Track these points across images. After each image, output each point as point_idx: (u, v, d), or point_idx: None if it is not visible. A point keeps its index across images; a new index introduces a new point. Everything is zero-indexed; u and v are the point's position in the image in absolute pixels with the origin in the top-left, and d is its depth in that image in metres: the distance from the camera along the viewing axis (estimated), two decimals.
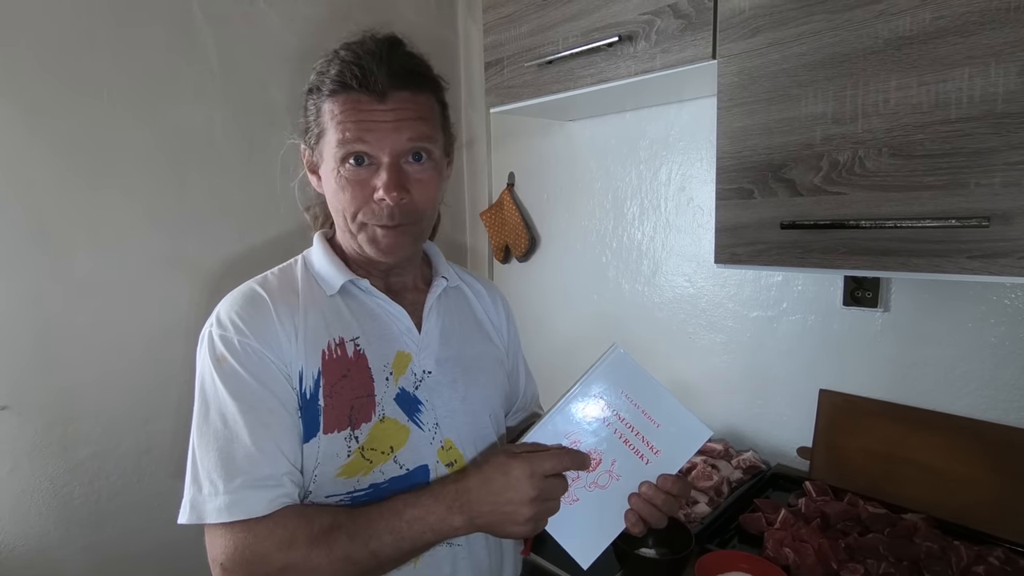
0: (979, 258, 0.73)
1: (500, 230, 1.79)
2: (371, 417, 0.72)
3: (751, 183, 0.92)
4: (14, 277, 1.16)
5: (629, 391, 0.69)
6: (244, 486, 0.64)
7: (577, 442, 0.68)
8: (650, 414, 0.69)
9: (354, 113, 0.69)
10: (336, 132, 0.70)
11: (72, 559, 1.24)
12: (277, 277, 0.77)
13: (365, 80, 0.69)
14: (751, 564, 0.88)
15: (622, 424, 0.69)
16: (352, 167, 0.70)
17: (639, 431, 0.69)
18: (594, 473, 0.69)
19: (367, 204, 0.71)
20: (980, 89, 0.71)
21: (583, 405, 0.69)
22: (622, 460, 0.69)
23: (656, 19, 1.02)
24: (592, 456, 0.68)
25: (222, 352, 0.68)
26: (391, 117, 0.70)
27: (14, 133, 1.14)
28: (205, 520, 0.64)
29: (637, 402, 0.69)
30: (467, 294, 0.90)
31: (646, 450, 0.69)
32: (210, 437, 0.66)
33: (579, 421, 0.69)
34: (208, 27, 1.36)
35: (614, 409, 0.69)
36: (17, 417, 1.17)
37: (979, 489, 1.00)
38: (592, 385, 0.69)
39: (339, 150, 0.70)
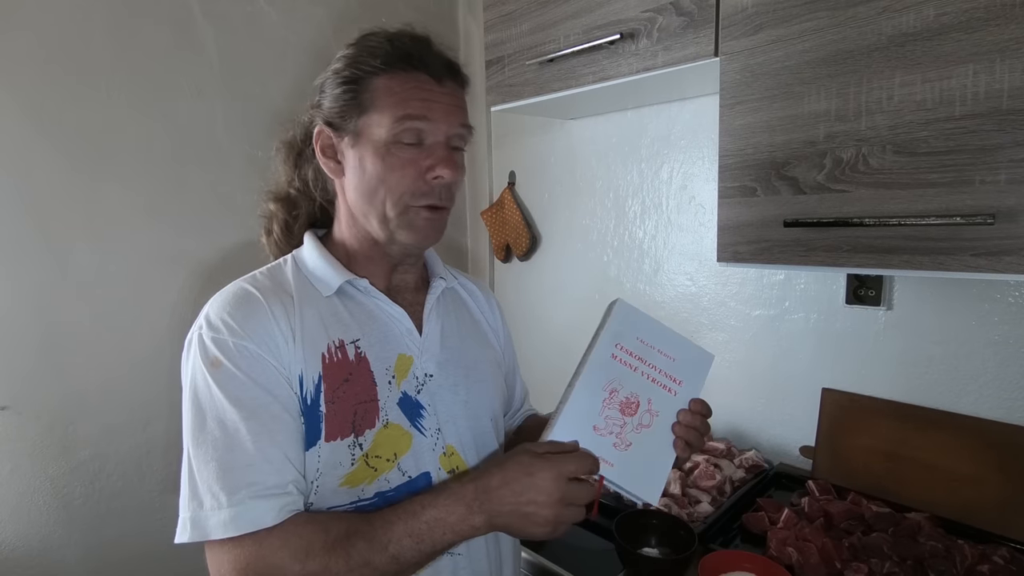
0: (984, 256, 0.73)
1: (501, 229, 1.79)
2: (375, 423, 0.70)
3: (754, 181, 0.92)
4: (15, 277, 1.16)
5: (642, 335, 0.75)
6: (249, 497, 0.60)
7: (614, 391, 0.72)
8: (664, 351, 0.75)
9: (418, 91, 0.70)
10: (397, 107, 0.69)
11: (72, 559, 1.24)
12: (267, 277, 0.74)
13: (427, 61, 0.70)
14: (755, 564, 0.88)
15: (646, 365, 0.74)
16: (406, 146, 0.70)
17: (661, 368, 0.75)
18: (636, 416, 0.73)
19: (416, 183, 0.70)
20: (985, 86, 0.71)
21: (609, 355, 0.73)
22: (656, 397, 0.74)
23: (658, 16, 1.01)
24: (631, 400, 0.73)
25: (216, 355, 0.65)
26: (448, 100, 0.72)
27: (16, 132, 1.14)
28: (209, 536, 0.60)
29: (651, 343, 0.75)
30: (463, 295, 0.89)
31: (671, 383, 0.75)
32: (208, 447, 0.63)
33: (609, 370, 0.73)
34: (208, 25, 1.35)
35: (636, 354, 0.74)
36: (18, 417, 1.17)
37: (983, 488, 0.99)
38: (609, 336, 0.73)
39: (398, 125, 0.69)
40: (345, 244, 0.77)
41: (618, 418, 0.72)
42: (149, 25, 1.27)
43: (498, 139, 1.82)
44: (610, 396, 0.72)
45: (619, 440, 0.71)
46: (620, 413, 0.72)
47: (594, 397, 0.71)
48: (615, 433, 0.71)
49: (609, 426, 0.71)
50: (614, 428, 0.71)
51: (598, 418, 0.71)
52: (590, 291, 1.63)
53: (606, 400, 0.72)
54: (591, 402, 0.71)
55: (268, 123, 1.45)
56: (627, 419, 0.72)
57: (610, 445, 0.71)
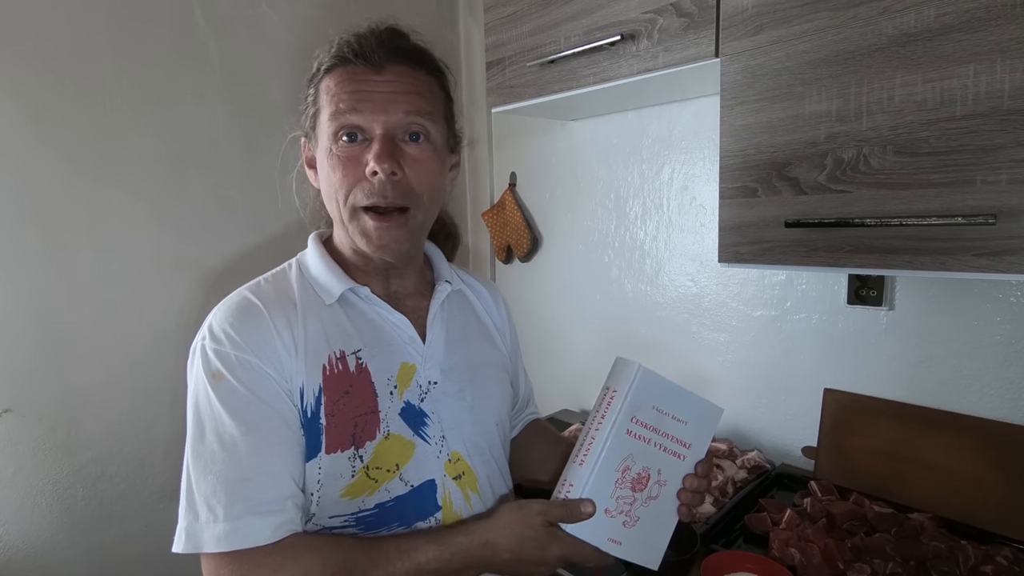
0: (986, 256, 0.73)
1: (502, 230, 1.79)
2: (375, 435, 0.69)
3: (755, 182, 0.92)
4: (18, 280, 1.16)
5: (658, 403, 0.71)
6: (246, 512, 0.60)
7: (628, 468, 0.70)
8: (678, 415, 0.72)
9: (349, 84, 0.67)
10: (331, 105, 0.67)
11: (75, 561, 1.24)
12: (271, 284, 0.73)
13: (361, 51, 0.67)
14: (757, 564, 0.88)
15: (659, 435, 0.72)
16: (345, 143, 0.67)
17: (673, 435, 0.72)
18: (646, 490, 0.71)
19: (359, 183, 0.67)
20: (986, 86, 0.71)
21: (624, 431, 0.69)
22: (666, 467, 0.72)
23: (658, 18, 1.02)
24: (642, 475, 0.71)
25: (218, 367, 0.64)
26: (387, 88, 0.67)
27: (17, 135, 1.14)
28: (203, 549, 0.60)
29: (666, 410, 0.72)
30: (469, 297, 0.88)
31: (680, 448, 0.73)
32: (207, 460, 0.62)
33: (625, 448, 0.70)
34: (209, 29, 1.36)
35: (650, 425, 0.71)
36: (20, 420, 1.17)
37: (986, 488, 0.99)
38: (628, 413, 0.69)
39: (332, 124, 0.67)
40: (341, 251, 0.76)
41: (629, 496, 0.70)
42: (150, 29, 1.28)
43: (499, 140, 1.82)
44: (623, 475, 0.70)
45: (628, 519, 0.70)
46: (631, 491, 0.70)
47: (608, 479, 0.69)
48: (625, 512, 0.70)
49: (620, 507, 0.70)
50: (624, 507, 0.70)
51: (610, 501, 0.69)
52: (591, 292, 1.63)
53: (619, 481, 0.69)
54: (604, 485, 0.69)
55: (268, 126, 1.45)
56: (637, 495, 0.71)
57: (620, 524, 0.70)
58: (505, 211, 1.77)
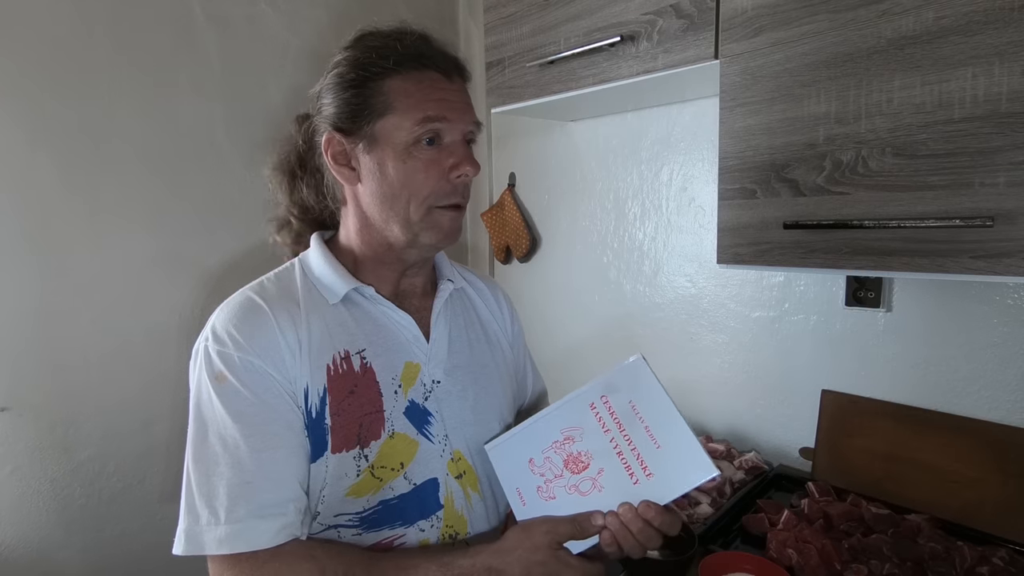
0: (983, 258, 0.73)
1: (501, 231, 1.79)
2: (380, 434, 0.69)
3: (754, 183, 0.92)
4: (15, 277, 1.16)
5: (637, 402, 0.65)
6: (247, 515, 0.61)
7: (571, 438, 0.66)
8: (653, 432, 0.64)
9: (434, 91, 0.68)
10: (415, 109, 0.67)
11: (72, 560, 1.24)
12: (275, 284, 0.73)
13: (436, 59, 0.69)
14: (755, 565, 0.88)
15: (620, 434, 0.65)
16: (427, 147, 0.68)
17: (636, 447, 0.64)
18: (578, 476, 0.65)
19: (440, 183, 0.69)
20: (984, 89, 0.71)
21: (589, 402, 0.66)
22: (610, 471, 0.65)
23: (658, 19, 1.02)
24: (582, 457, 0.65)
25: (221, 369, 0.64)
26: (459, 97, 0.71)
27: (15, 133, 1.14)
28: (205, 551, 0.61)
29: (642, 416, 0.65)
30: (471, 295, 0.88)
31: (638, 469, 0.64)
32: (208, 462, 0.63)
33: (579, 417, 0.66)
34: (209, 27, 1.35)
35: (617, 416, 0.65)
36: (18, 419, 1.17)
37: (982, 490, 0.99)
38: (601, 385, 0.66)
39: (420, 127, 0.67)
40: (353, 250, 0.76)
41: (558, 466, 0.66)
42: (150, 26, 1.28)
43: (498, 141, 1.82)
44: (563, 441, 0.66)
45: (545, 486, 0.66)
46: (562, 463, 0.66)
47: (548, 432, 0.66)
48: (546, 478, 0.66)
49: (544, 467, 0.66)
50: (547, 473, 0.66)
51: (538, 454, 0.66)
52: (590, 293, 1.63)
53: (556, 443, 0.66)
54: (543, 435, 0.66)
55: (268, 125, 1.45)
56: (565, 472, 0.66)
57: (534, 486, 0.66)
58: (504, 211, 1.77)
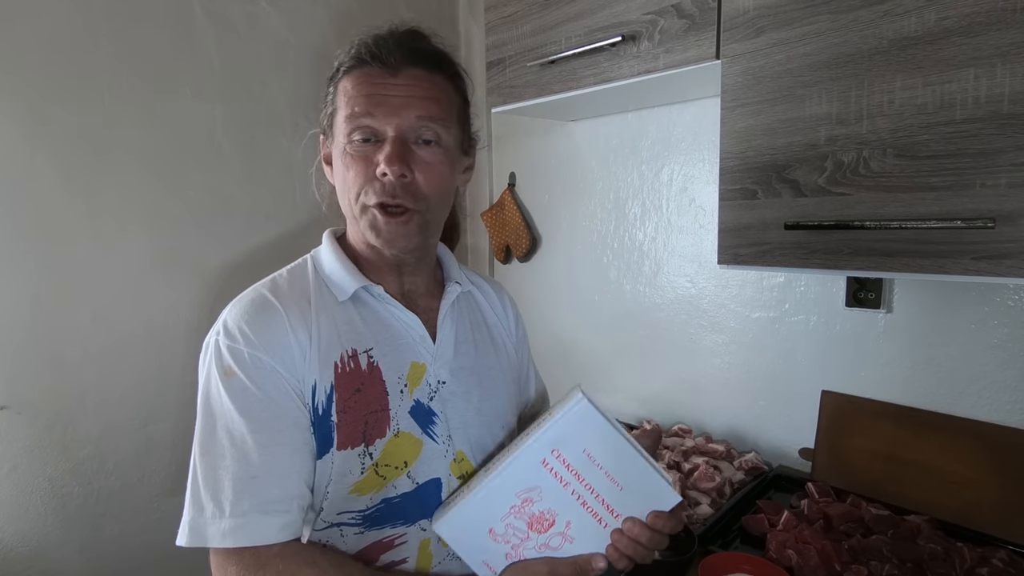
0: (984, 259, 0.73)
1: (501, 230, 1.79)
2: (385, 432, 0.70)
3: (755, 184, 0.92)
4: (14, 275, 1.15)
5: (592, 449, 0.61)
6: (251, 510, 0.61)
7: (529, 500, 0.63)
8: (613, 475, 0.62)
9: (365, 87, 0.69)
10: (347, 106, 0.69)
11: (71, 559, 1.24)
12: (287, 280, 0.73)
13: (378, 53, 0.69)
14: (754, 565, 0.88)
15: (580, 484, 0.62)
16: (358, 143, 0.68)
17: (599, 493, 0.62)
18: (546, 534, 0.63)
19: (369, 182, 0.68)
20: (986, 90, 0.71)
21: (540, 459, 0.62)
22: (578, 522, 0.63)
23: (659, 19, 1.02)
24: (546, 515, 0.63)
25: (230, 365, 0.65)
26: (401, 92, 0.68)
27: (15, 131, 1.14)
28: (208, 544, 0.62)
29: (600, 462, 0.61)
30: (478, 298, 0.88)
31: (605, 513, 0.63)
32: (215, 455, 0.63)
33: (534, 477, 0.62)
34: (209, 25, 1.35)
35: (573, 468, 0.62)
36: (16, 417, 1.17)
37: (982, 491, 1.00)
38: (550, 439, 0.61)
39: (347, 125, 0.68)
40: (355, 248, 0.77)
41: (522, 530, 0.63)
42: (149, 25, 1.27)
43: (499, 140, 1.82)
44: (522, 505, 0.62)
45: (513, 552, 0.64)
46: (527, 526, 0.63)
47: (503, 499, 0.62)
48: (512, 544, 0.64)
49: (508, 534, 0.63)
50: (512, 539, 0.63)
51: (498, 523, 0.63)
52: (590, 293, 1.63)
53: (515, 507, 0.62)
54: (498, 503, 0.63)
55: (268, 124, 1.45)
56: (532, 534, 0.63)
57: (502, 554, 0.64)
58: (504, 211, 1.77)
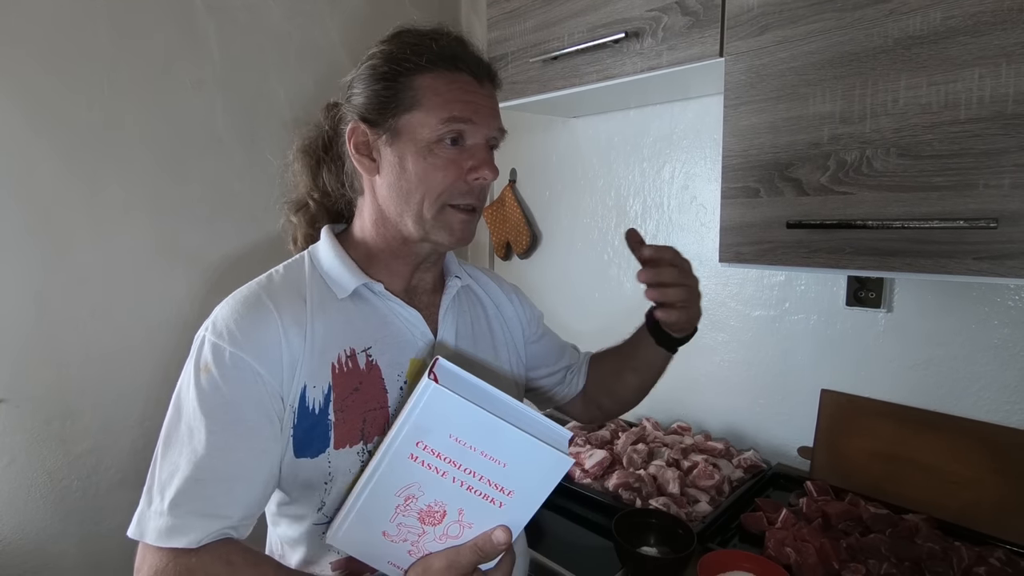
0: (986, 259, 0.73)
1: (501, 227, 1.79)
2: (384, 429, 0.70)
3: (757, 182, 0.92)
4: (14, 269, 1.15)
5: (457, 432, 0.57)
6: (189, 513, 0.61)
7: (412, 497, 0.60)
8: (490, 454, 0.58)
9: (463, 93, 0.70)
10: (442, 108, 0.68)
11: (69, 552, 1.24)
12: (283, 277, 0.73)
13: (469, 62, 0.71)
14: (753, 563, 0.88)
15: (459, 471, 0.58)
16: (448, 146, 0.69)
17: (482, 475, 0.58)
18: (441, 526, 0.61)
19: (457, 183, 0.70)
20: (990, 90, 0.71)
21: (407, 455, 0.58)
22: (470, 507, 0.60)
23: (663, 16, 1.01)
24: (434, 508, 0.60)
25: (207, 362, 0.64)
26: (488, 103, 0.72)
27: (14, 124, 1.13)
28: (144, 539, 0.62)
29: (471, 443, 0.57)
30: (478, 293, 0.88)
31: (496, 493, 0.59)
32: (173, 450, 0.64)
33: (407, 474, 0.59)
34: (210, 18, 1.35)
35: (444, 456, 0.58)
36: (15, 410, 1.17)
37: (981, 490, 1.00)
38: (409, 433, 0.57)
39: (445, 126, 0.68)
40: (367, 243, 0.75)
41: (416, 527, 0.61)
42: (150, 17, 1.27)
43: None
44: (405, 503, 0.60)
45: (414, 548, 0.63)
46: (418, 522, 0.61)
47: (385, 502, 0.60)
48: (410, 541, 0.62)
49: (403, 533, 0.62)
50: (409, 535, 0.62)
51: (390, 525, 0.61)
52: (590, 290, 1.63)
53: (399, 507, 0.60)
54: (381, 507, 0.61)
55: (269, 116, 1.44)
56: (427, 528, 0.61)
57: (404, 552, 0.63)
58: (505, 207, 1.77)
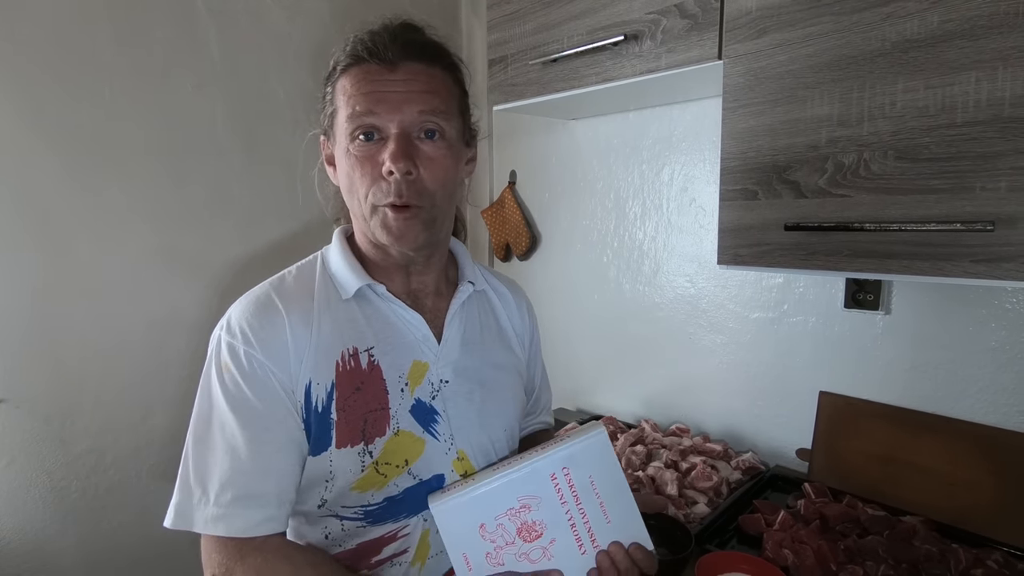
0: (983, 262, 0.73)
1: (501, 228, 1.79)
2: (385, 431, 0.70)
3: (755, 184, 0.92)
4: (13, 269, 1.15)
5: (597, 478, 0.65)
6: (234, 501, 0.64)
7: (527, 507, 0.65)
8: (607, 508, 0.65)
9: (364, 84, 0.67)
10: (347, 105, 0.68)
11: (68, 552, 1.24)
12: (295, 278, 0.74)
13: (375, 49, 0.67)
14: (751, 565, 0.88)
15: (576, 507, 0.65)
16: (362, 142, 0.67)
17: (589, 520, 0.66)
18: (529, 544, 0.65)
19: (377, 182, 0.67)
20: (987, 93, 0.71)
21: (550, 472, 0.65)
22: (561, 542, 0.66)
23: (662, 18, 1.02)
24: (536, 526, 0.65)
25: (226, 361, 0.67)
26: (401, 88, 0.67)
27: (15, 126, 1.14)
28: (193, 528, 0.64)
29: (599, 491, 0.65)
30: (492, 299, 0.87)
31: (588, 542, 0.66)
32: (206, 445, 0.66)
33: (539, 487, 0.65)
34: (211, 20, 1.35)
35: (575, 489, 0.65)
36: (15, 410, 1.17)
37: (978, 492, 1.00)
38: (564, 457, 0.65)
39: (349, 124, 0.67)
40: (362, 247, 0.77)
41: (510, 534, 0.65)
42: (151, 18, 1.27)
43: (499, 138, 1.82)
44: (519, 510, 0.65)
45: (495, 553, 0.65)
46: (515, 531, 0.65)
47: (505, 499, 0.65)
48: (496, 544, 0.65)
49: (496, 534, 0.65)
50: (498, 540, 0.65)
51: (491, 520, 0.65)
52: (589, 292, 1.63)
53: (512, 510, 0.65)
54: (498, 502, 0.65)
55: (269, 120, 1.44)
56: (518, 540, 0.65)
57: (483, 552, 0.65)
58: (504, 209, 1.77)
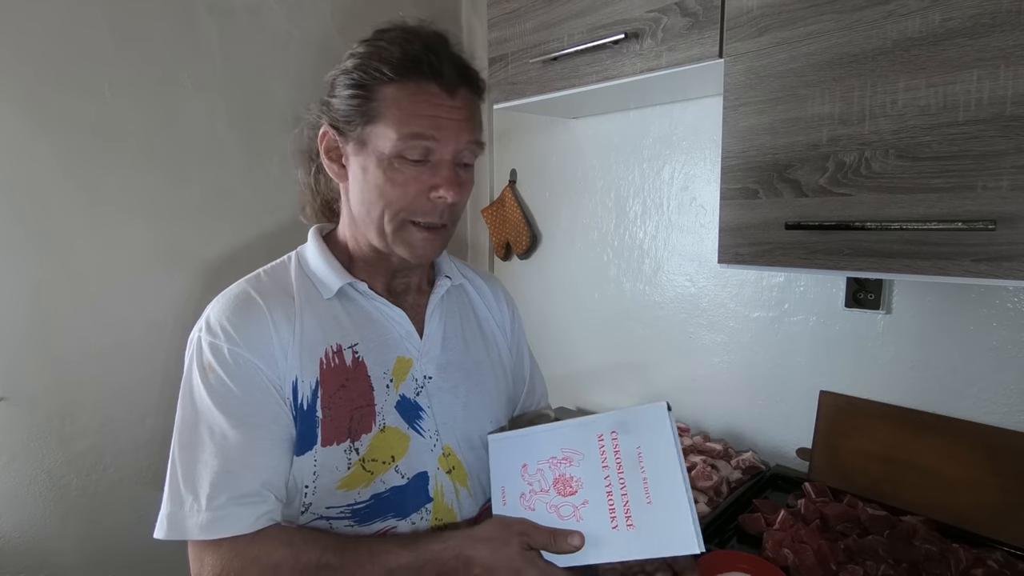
0: (984, 261, 0.73)
1: (501, 227, 1.79)
2: (371, 428, 0.70)
3: (756, 183, 0.92)
4: (13, 268, 1.15)
5: (645, 450, 0.61)
6: (228, 502, 0.63)
7: (568, 460, 0.64)
8: (650, 486, 0.60)
9: (427, 106, 0.66)
10: (403, 123, 0.65)
11: (68, 550, 1.24)
12: (270, 276, 0.73)
13: (439, 70, 0.66)
14: (751, 564, 0.88)
15: (617, 474, 0.62)
16: (411, 163, 0.67)
17: (628, 493, 0.61)
18: (562, 498, 0.64)
19: (417, 201, 0.68)
20: (989, 91, 0.71)
21: (598, 432, 0.64)
22: (594, 506, 0.62)
23: (663, 17, 1.01)
24: (572, 482, 0.64)
25: (210, 361, 0.66)
26: (458, 116, 0.67)
27: (14, 124, 1.14)
28: (187, 536, 0.63)
29: (645, 466, 0.61)
30: (469, 292, 0.88)
31: (621, 515, 0.61)
32: (194, 449, 0.65)
33: (584, 444, 0.64)
34: (212, 19, 1.35)
35: (619, 456, 0.62)
36: (15, 409, 1.17)
37: (979, 492, 1.00)
38: (615, 422, 0.63)
39: (404, 143, 0.65)
40: (348, 245, 0.76)
41: (547, 482, 0.65)
42: (151, 17, 1.27)
43: (500, 137, 1.82)
44: (561, 460, 0.64)
45: (528, 495, 0.65)
46: (552, 481, 0.64)
47: (548, 446, 0.65)
48: (532, 488, 0.65)
49: (534, 478, 0.65)
50: (535, 484, 0.65)
51: (533, 463, 0.66)
52: (590, 290, 1.63)
53: (553, 459, 0.65)
54: (541, 447, 0.66)
55: (269, 118, 1.44)
56: (552, 490, 0.64)
57: (518, 491, 0.66)
58: (505, 208, 1.77)
